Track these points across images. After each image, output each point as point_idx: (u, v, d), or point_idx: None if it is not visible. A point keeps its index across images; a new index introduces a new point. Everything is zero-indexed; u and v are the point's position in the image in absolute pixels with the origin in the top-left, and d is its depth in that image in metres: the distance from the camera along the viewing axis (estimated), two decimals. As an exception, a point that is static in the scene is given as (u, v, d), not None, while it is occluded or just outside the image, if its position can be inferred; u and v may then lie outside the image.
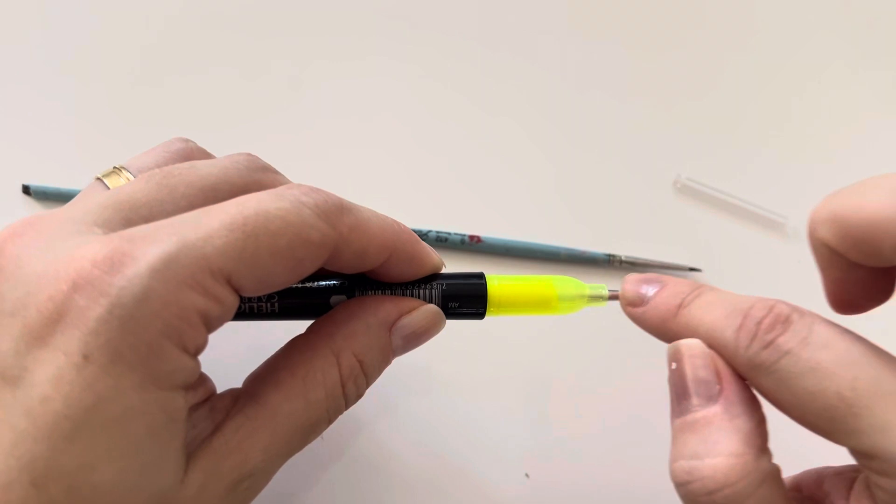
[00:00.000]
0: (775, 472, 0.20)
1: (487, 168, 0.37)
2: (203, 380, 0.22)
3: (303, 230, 0.21)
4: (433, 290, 0.25)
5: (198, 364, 0.21)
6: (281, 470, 0.25)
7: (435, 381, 0.32)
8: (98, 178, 0.24)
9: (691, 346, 0.21)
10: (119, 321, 0.18)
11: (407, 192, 0.36)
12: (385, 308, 0.24)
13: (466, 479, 0.31)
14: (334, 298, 0.25)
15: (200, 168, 0.23)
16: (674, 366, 0.21)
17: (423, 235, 0.35)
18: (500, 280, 0.26)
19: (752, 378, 0.20)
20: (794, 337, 0.19)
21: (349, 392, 0.24)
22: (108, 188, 0.24)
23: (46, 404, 0.18)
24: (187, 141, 0.26)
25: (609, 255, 0.35)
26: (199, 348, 0.21)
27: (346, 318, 0.24)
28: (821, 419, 0.19)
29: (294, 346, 0.24)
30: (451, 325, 0.26)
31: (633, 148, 0.38)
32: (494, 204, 0.37)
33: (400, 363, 0.26)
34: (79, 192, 0.34)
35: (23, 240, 0.20)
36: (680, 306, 0.22)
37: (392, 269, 0.24)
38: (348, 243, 0.22)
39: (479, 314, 0.26)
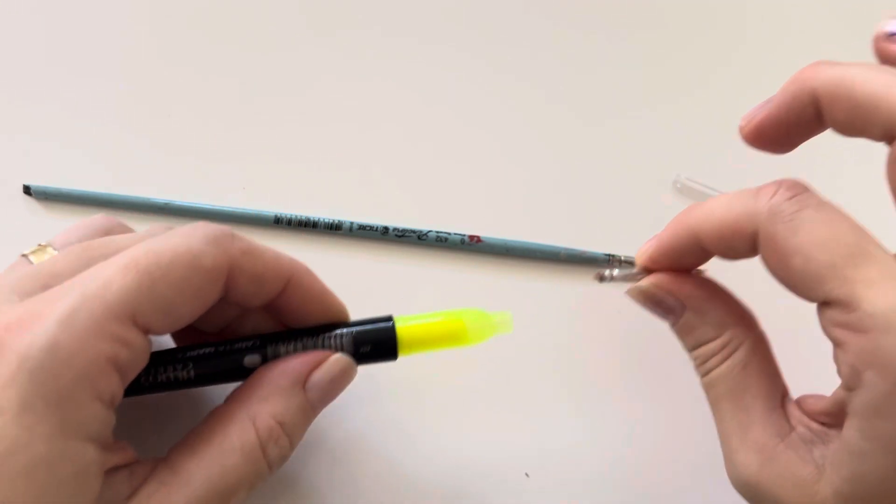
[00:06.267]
0: (758, 337, 0.25)
1: (487, 168, 0.37)
2: (122, 446, 0.22)
3: (194, 258, 0.22)
4: (343, 339, 0.26)
5: (112, 416, 0.21)
6: (281, 471, 0.25)
7: (433, 380, 0.32)
8: (23, 255, 0.25)
9: (649, 280, 0.26)
10: (28, 373, 0.19)
11: (407, 193, 0.36)
12: (294, 367, 0.25)
13: (466, 479, 0.31)
14: (248, 359, 0.25)
15: (118, 239, 0.24)
16: (647, 305, 0.26)
17: (423, 235, 0.35)
18: (407, 321, 0.26)
19: (768, 226, 0.22)
20: (813, 198, 0.22)
21: (271, 454, 0.24)
22: (33, 264, 0.25)
23: None
24: (110, 218, 0.28)
25: (609, 255, 0.35)
26: (114, 396, 0.21)
27: (259, 382, 0.24)
28: (823, 265, 0.21)
29: (213, 415, 0.24)
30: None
31: (633, 148, 0.38)
32: (494, 204, 0.37)
33: (398, 362, 0.26)
34: (79, 192, 0.35)
35: None
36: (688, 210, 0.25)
37: (295, 302, 0.25)
38: (242, 268, 0.23)
39: (392, 357, 0.26)
